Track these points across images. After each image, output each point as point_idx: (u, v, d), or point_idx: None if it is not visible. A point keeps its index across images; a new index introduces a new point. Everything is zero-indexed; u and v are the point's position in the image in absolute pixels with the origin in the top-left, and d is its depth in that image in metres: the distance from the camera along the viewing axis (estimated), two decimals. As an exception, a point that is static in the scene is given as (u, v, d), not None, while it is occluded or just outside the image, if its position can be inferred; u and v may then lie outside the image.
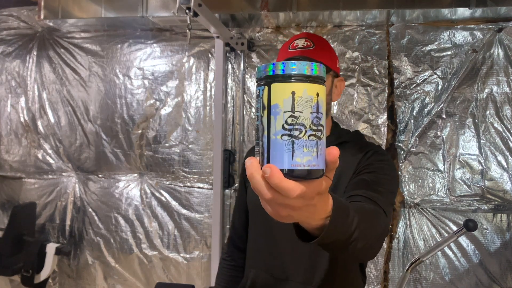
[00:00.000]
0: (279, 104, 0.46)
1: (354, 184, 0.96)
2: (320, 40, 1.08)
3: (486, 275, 2.28)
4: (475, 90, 2.31)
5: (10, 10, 2.89)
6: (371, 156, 1.03)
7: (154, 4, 2.39)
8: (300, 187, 0.47)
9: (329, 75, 1.05)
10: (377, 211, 0.85)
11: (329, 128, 1.12)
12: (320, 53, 1.03)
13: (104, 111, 2.77)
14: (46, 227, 2.87)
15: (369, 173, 0.98)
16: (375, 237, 0.79)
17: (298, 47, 1.04)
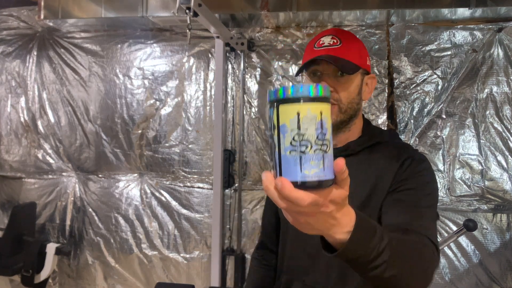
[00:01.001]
0: (286, 124, 0.51)
1: (392, 206, 0.90)
2: (349, 36, 0.99)
3: (486, 275, 2.28)
4: (475, 90, 2.31)
5: (10, 10, 2.89)
6: (409, 166, 0.94)
7: (154, 4, 2.39)
8: (310, 196, 0.51)
9: (358, 74, 0.98)
10: (423, 243, 0.79)
11: (359, 128, 1.07)
12: (347, 51, 0.96)
13: (104, 111, 2.78)
14: (46, 227, 2.87)
15: (409, 191, 0.90)
16: (412, 270, 0.73)
17: (324, 45, 0.97)
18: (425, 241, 0.81)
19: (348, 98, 0.98)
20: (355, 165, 0.95)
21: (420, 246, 0.78)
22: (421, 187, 0.92)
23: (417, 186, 0.92)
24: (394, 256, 0.68)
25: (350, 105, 0.98)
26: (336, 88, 0.97)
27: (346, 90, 0.97)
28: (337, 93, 0.97)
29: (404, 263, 0.72)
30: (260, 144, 2.56)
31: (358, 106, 1.01)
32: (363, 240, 0.64)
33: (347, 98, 0.97)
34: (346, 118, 0.99)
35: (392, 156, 0.97)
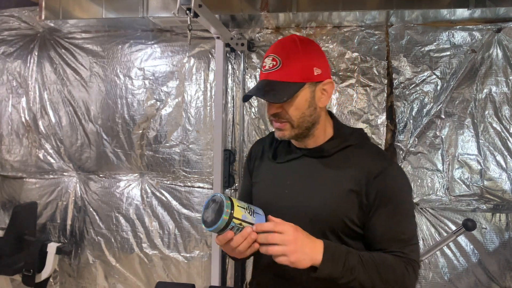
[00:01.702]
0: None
1: (375, 225, 0.99)
2: (290, 53, 0.98)
3: (485, 274, 2.29)
4: (474, 90, 2.32)
5: (11, 11, 2.90)
6: (386, 180, 0.99)
7: (154, 5, 2.41)
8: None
9: (305, 88, 0.98)
10: (402, 265, 0.97)
11: (328, 129, 1.09)
12: (287, 72, 0.97)
13: (105, 111, 2.79)
14: (47, 226, 2.88)
15: (390, 212, 0.99)
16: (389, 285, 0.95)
17: (266, 69, 1.00)
18: (405, 262, 0.97)
19: (297, 114, 1.00)
20: (330, 166, 1.04)
21: (398, 266, 0.96)
22: (403, 207, 1.01)
23: (399, 207, 1.00)
24: (366, 273, 0.92)
25: (302, 119, 1.01)
26: (284, 108, 1.00)
27: (293, 108, 0.99)
28: (286, 112, 1.00)
29: (379, 277, 0.93)
30: (260, 144, 2.57)
31: (313, 116, 1.02)
32: (331, 263, 0.90)
33: (296, 115, 1.00)
34: (301, 131, 1.03)
35: (363, 162, 1.02)
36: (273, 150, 1.15)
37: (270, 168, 1.13)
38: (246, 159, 1.24)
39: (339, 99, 2.46)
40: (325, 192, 1.01)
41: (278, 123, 1.02)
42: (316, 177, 1.04)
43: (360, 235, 1.02)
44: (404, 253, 0.98)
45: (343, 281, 0.92)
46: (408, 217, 1.03)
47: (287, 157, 1.10)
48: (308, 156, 1.07)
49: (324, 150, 1.06)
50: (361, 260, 0.94)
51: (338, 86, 2.47)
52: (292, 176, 1.06)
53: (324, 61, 1.04)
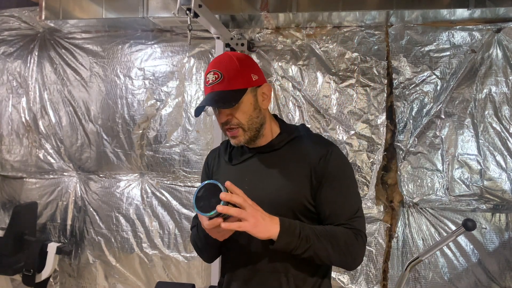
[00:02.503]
0: None
1: (325, 202, 1.11)
2: (228, 66, 1.11)
3: (485, 274, 2.29)
4: (473, 91, 2.32)
5: (12, 11, 2.90)
6: (329, 161, 1.12)
7: (154, 5, 2.41)
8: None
9: (247, 93, 1.10)
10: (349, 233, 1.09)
11: (275, 128, 1.21)
12: (229, 82, 1.09)
13: (105, 111, 2.79)
14: (47, 226, 2.88)
15: (336, 188, 1.11)
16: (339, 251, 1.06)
17: (210, 83, 1.11)
18: (354, 233, 1.09)
19: (245, 118, 1.11)
20: (281, 158, 1.16)
21: (347, 235, 1.07)
22: (346, 182, 1.15)
23: (342, 182, 1.13)
24: (319, 242, 1.03)
25: (251, 122, 1.12)
26: (232, 114, 1.11)
27: (241, 112, 1.11)
28: (235, 117, 1.11)
29: (331, 246, 1.04)
30: (260, 144, 2.57)
31: (260, 117, 1.14)
32: (287, 234, 1.00)
33: (245, 118, 1.11)
34: (253, 133, 1.14)
35: (309, 147, 1.16)
36: (228, 154, 1.25)
37: (228, 170, 1.23)
38: (203, 169, 1.34)
39: (339, 99, 2.46)
40: (281, 179, 1.13)
41: (231, 131, 1.13)
42: (271, 169, 1.15)
43: (315, 215, 1.13)
44: (352, 225, 1.10)
45: (300, 251, 1.02)
46: (352, 192, 1.16)
47: (242, 158, 1.20)
48: (260, 153, 1.18)
49: (274, 144, 1.18)
50: (314, 231, 1.05)
51: (338, 86, 2.47)
52: (249, 173, 1.17)
53: (258, 68, 1.18)
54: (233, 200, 0.95)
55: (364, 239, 1.12)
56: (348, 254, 1.08)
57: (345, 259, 1.08)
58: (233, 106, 1.08)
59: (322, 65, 2.48)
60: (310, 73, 2.50)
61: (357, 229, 1.11)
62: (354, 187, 1.18)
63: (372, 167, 2.40)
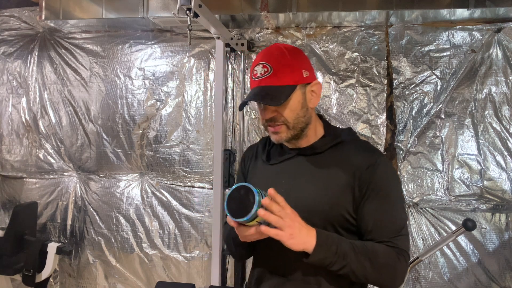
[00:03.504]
0: None
1: (368, 214, 1.02)
2: (279, 59, 1.03)
3: (485, 274, 2.29)
4: (473, 91, 2.32)
5: (12, 11, 2.90)
6: (376, 171, 1.03)
7: (154, 5, 2.41)
8: None
9: (296, 91, 1.04)
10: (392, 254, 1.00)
11: (319, 129, 1.14)
12: (278, 77, 1.02)
13: (105, 111, 2.79)
14: (47, 226, 2.88)
15: (381, 202, 1.02)
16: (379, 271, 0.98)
17: (257, 76, 1.04)
18: (396, 252, 1.01)
19: (292, 116, 1.05)
20: (323, 163, 1.08)
21: (388, 254, 0.99)
22: (392, 196, 1.05)
23: (387, 195, 1.04)
24: (358, 260, 0.95)
25: (297, 120, 1.06)
26: (278, 111, 1.04)
27: (288, 110, 1.04)
28: (281, 115, 1.04)
29: (370, 264, 0.96)
30: (260, 144, 2.57)
31: (306, 116, 1.08)
32: (323, 248, 0.94)
33: (291, 116, 1.05)
34: (296, 132, 1.07)
35: (355, 155, 1.07)
36: (266, 152, 1.18)
37: (265, 169, 1.16)
38: (239, 165, 1.28)
39: (339, 99, 2.47)
40: (321, 187, 1.05)
41: (274, 127, 1.06)
42: (310, 174, 1.08)
43: (355, 228, 1.05)
44: (395, 243, 1.01)
45: (335, 268, 0.95)
46: (398, 208, 1.06)
47: (281, 158, 1.14)
48: (301, 155, 1.11)
49: (316, 147, 1.10)
50: (353, 247, 0.97)
51: (338, 86, 2.47)
52: (286, 175, 1.09)
53: (310, 64, 1.10)
54: (273, 208, 0.89)
55: (407, 259, 1.03)
56: (388, 275, 1.00)
57: (384, 280, 1.00)
58: (281, 104, 1.02)
59: (322, 65, 2.48)
60: (310, 73, 2.50)
61: (401, 248, 1.02)
62: (400, 202, 1.08)
63: (372, 167, 2.40)
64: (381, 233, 1.02)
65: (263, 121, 1.09)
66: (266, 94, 1.01)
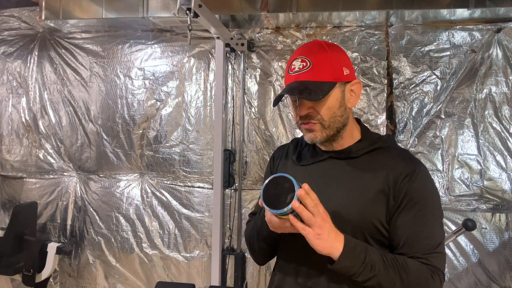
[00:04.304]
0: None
1: (403, 226, 0.96)
2: (318, 54, 0.98)
3: (485, 274, 2.29)
4: (474, 91, 2.32)
5: (12, 11, 2.90)
6: (415, 181, 0.97)
7: (154, 5, 2.41)
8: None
9: (335, 88, 0.98)
10: (427, 276, 0.93)
11: (356, 132, 1.09)
12: (318, 72, 0.97)
13: (105, 111, 2.79)
14: (47, 226, 2.88)
15: (417, 214, 0.96)
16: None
17: (295, 71, 0.98)
18: (430, 270, 0.94)
19: (328, 114, 0.99)
20: (357, 168, 1.02)
21: (421, 272, 0.93)
22: (431, 211, 0.98)
23: (426, 210, 0.97)
24: (386, 273, 0.90)
25: (333, 120, 1.00)
26: (315, 108, 0.99)
27: (325, 107, 0.98)
28: (318, 112, 0.99)
29: (400, 280, 0.91)
30: (260, 144, 2.57)
31: (344, 116, 1.02)
32: (350, 256, 0.89)
33: (328, 115, 0.99)
34: (332, 132, 1.01)
35: (392, 161, 1.01)
36: (297, 153, 1.13)
37: (294, 170, 1.10)
38: (267, 165, 1.23)
39: (339, 99, 2.46)
40: (353, 193, 1.00)
41: (308, 124, 1.00)
42: (343, 179, 1.02)
43: (387, 240, 0.99)
44: (429, 260, 0.95)
45: (361, 278, 0.90)
46: (436, 222, 0.99)
47: (313, 160, 1.08)
48: (334, 158, 1.06)
49: (352, 151, 1.04)
50: (382, 259, 0.91)
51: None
52: (318, 178, 1.04)
53: (350, 62, 1.05)
54: (307, 202, 0.85)
55: (442, 279, 0.95)
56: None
57: None
58: (320, 99, 0.95)
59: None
60: (310, 73, 2.50)
61: (435, 266, 0.94)
62: (438, 217, 1.00)
63: (372, 167, 2.40)
64: (415, 248, 0.95)
65: (296, 118, 1.03)
66: (304, 89, 0.95)
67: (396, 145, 1.10)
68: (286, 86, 1.00)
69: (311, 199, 0.86)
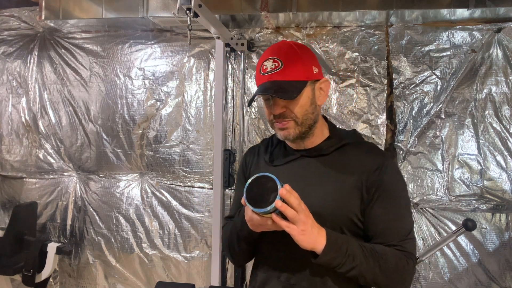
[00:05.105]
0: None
1: (376, 217, 1.02)
2: (289, 54, 1.02)
3: (485, 274, 2.29)
4: (474, 90, 2.32)
5: (11, 11, 2.90)
6: (385, 173, 1.03)
7: (154, 5, 2.41)
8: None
9: (307, 86, 1.03)
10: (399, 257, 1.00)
11: (325, 130, 1.13)
12: (290, 72, 1.00)
13: (105, 111, 2.79)
14: (47, 226, 2.88)
15: (390, 205, 1.02)
16: (387, 273, 0.98)
17: (267, 71, 1.02)
18: (405, 256, 1.01)
19: (301, 112, 1.03)
20: (330, 164, 1.07)
21: (398, 258, 0.99)
22: (400, 200, 1.05)
23: (396, 200, 1.04)
24: (367, 262, 0.95)
25: (306, 117, 1.04)
26: (288, 106, 1.03)
27: (298, 105, 1.02)
28: (291, 110, 1.03)
29: (379, 268, 0.96)
30: (260, 144, 2.57)
31: (315, 113, 1.06)
32: (333, 249, 0.93)
33: (301, 113, 1.03)
34: (305, 129, 1.06)
35: (361, 156, 1.07)
36: (269, 154, 1.16)
37: (268, 171, 1.09)
38: (239, 168, 1.25)
39: (339, 99, 2.46)
40: (328, 189, 1.04)
41: (281, 123, 1.04)
42: (317, 176, 1.06)
43: (362, 231, 1.05)
44: (404, 247, 1.01)
45: (344, 269, 0.95)
46: (406, 211, 1.06)
47: (285, 159, 1.12)
48: (306, 156, 1.09)
49: (322, 148, 1.09)
50: (362, 249, 0.97)
51: (338, 86, 2.47)
52: (292, 177, 1.05)
53: (318, 61, 1.09)
54: (291, 201, 0.88)
55: (415, 262, 1.04)
56: (397, 279, 1.00)
57: (393, 284, 1.00)
58: (294, 98, 1.00)
59: (322, 65, 2.48)
60: (310, 73, 2.50)
61: (409, 252, 1.02)
62: (408, 205, 1.08)
63: (372, 167, 2.40)
64: (390, 237, 1.01)
65: (270, 117, 1.07)
66: (279, 88, 0.99)
67: (363, 139, 1.16)
68: (259, 86, 1.04)
69: (294, 198, 0.89)
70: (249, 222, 0.97)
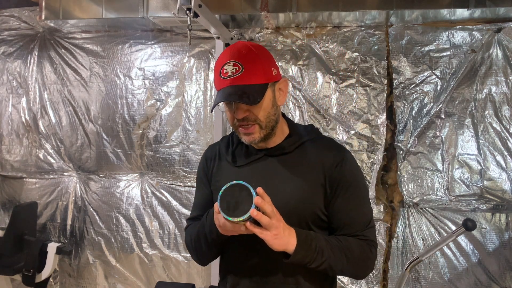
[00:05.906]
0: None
1: (338, 212, 1.07)
2: (249, 57, 1.01)
3: (485, 274, 2.29)
4: (474, 91, 2.32)
5: (12, 11, 2.90)
6: (345, 168, 1.07)
7: (154, 5, 2.41)
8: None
9: (268, 88, 1.03)
10: (363, 245, 1.07)
11: (285, 128, 1.14)
12: (250, 76, 1.00)
13: (105, 111, 2.79)
14: (47, 226, 2.88)
15: (351, 197, 1.07)
16: (354, 263, 1.04)
17: (228, 75, 1.00)
18: (368, 244, 1.08)
19: (264, 115, 1.04)
20: (292, 162, 1.09)
21: (362, 248, 1.06)
22: (359, 192, 1.10)
23: (355, 192, 1.08)
24: (334, 255, 1.00)
25: (268, 119, 1.05)
26: (251, 110, 1.03)
27: (261, 109, 1.03)
28: (254, 114, 1.03)
29: (346, 259, 1.02)
30: (260, 144, 2.57)
31: (276, 114, 1.07)
32: (304, 247, 0.97)
33: (264, 116, 1.04)
34: (268, 131, 1.07)
35: (320, 152, 1.10)
36: (231, 154, 1.15)
37: (232, 172, 1.13)
38: (199, 167, 1.23)
39: (339, 99, 2.46)
40: (293, 187, 1.06)
41: (246, 128, 1.04)
42: (280, 174, 1.08)
43: (326, 224, 1.09)
44: (366, 236, 1.07)
45: (315, 265, 0.99)
46: (366, 201, 1.13)
47: (248, 160, 1.12)
48: (269, 156, 1.11)
49: (284, 147, 1.10)
50: (329, 243, 1.02)
51: (338, 86, 2.47)
52: (256, 177, 1.07)
53: (275, 62, 1.10)
54: (265, 208, 0.90)
55: (376, 249, 1.11)
56: (362, 267, 1.07)
57: (358, 271, 1.08)
58: (258, 103, 1.00)
59: (322, 65, 2.48)
60: (310, 73, 2.50)
61: (371, 240, 1.09)
62: (367, 196, 1.15)
63: (372, 167, 2.40)
64: (354, 228, 1.07)
65: (232, 121, 1.07)
66: (242, 93, 0.98)
67: (321, 135, 1.18)
68: (220, 91, 1.02)
69: (268, 205, 0.91)
70: (220, 228, 0.97)
